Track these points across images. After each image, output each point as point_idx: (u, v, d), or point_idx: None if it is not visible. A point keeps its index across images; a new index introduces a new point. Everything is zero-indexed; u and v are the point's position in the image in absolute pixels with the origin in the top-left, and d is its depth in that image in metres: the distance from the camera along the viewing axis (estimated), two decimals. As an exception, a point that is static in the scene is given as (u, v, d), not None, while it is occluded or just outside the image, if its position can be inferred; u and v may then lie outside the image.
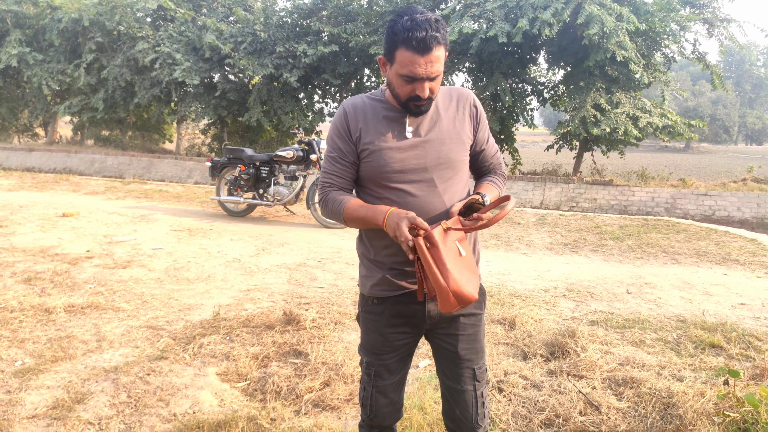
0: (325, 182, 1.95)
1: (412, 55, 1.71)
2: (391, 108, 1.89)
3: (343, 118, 1.91)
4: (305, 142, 8.15)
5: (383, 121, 1.88)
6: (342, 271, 5.66)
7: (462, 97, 1.97)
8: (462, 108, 1.95)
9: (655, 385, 3.11)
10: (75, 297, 4.62)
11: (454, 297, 1.67)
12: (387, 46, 1.77)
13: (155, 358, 3.56)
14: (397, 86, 1.80)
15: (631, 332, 4.05)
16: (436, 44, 1.70)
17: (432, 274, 1.67)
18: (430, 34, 1.68)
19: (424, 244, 1.67)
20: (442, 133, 1.90)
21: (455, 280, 1.67)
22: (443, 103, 1.93)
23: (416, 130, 1.88)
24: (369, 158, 1.87)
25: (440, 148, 1.88)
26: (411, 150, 1.86)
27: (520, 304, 4.64)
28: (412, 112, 1.86)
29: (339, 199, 1.89)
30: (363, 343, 2.08)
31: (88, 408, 2.97)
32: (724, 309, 4.72)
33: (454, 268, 1.68)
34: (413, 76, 1.74)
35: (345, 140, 1.90)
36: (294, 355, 3.65)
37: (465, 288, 1.69)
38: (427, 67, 1.72)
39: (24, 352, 3.61)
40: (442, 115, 1.91)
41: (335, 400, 3.07)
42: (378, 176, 1.87)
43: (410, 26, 1.69)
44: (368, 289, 1.99)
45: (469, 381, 1.98)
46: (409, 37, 1.68)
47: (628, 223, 8.59)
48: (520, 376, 3.31)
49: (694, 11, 11.47)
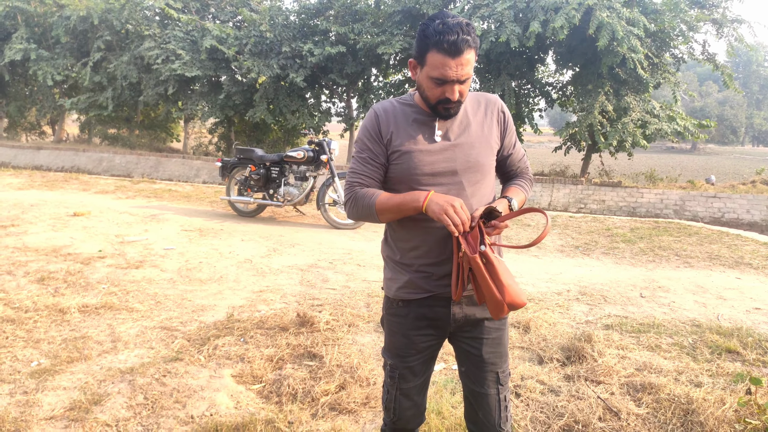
0: (354, 182, 1.94)
1: (443, 57, 1.73)
2: (421, 112, 1.92)
3: (375, 120, 1.92)
4: (316, 142, 8.15)
5: (413, 124, 1.91)
6: (354, 273, 5.65)
7: (490, 102, 2.00)
8: (490, 113, 1.98)
9: (673, 390, 3.09)
10: (89, 297, 4.63)
11: (508, 307, 1.75)
12: (418, 49, 1.80)
13: (170, 360, 3.56)
14: (428, 89, 1.83)
15: (647, 337, 4.03)
16: (467, 47, 1.73)
17: (488, 289, 1.74)
18: (462, 37, 1.71)
19: (480, 260, 1.72)
20: (471, 137, 1.92)
21: (509, 293, 1.73)
22: (472, 108, 1.96)
23: (446, 134, 1.91)
24: (399, 161, 1.89)
25: (469, 151, 1.91)
26: (440, 153, 1.89)
27: (534, 308, 4.63)
28: (441, 115, 1.88)
29: (370, 192, 1.89)
30: (387, 346, 2.08)
31: (105, 409, 2.97)
32: (738, 313, 4.70)
33: (506, 280, 1.74)
34: (444, 78, 1.76)
35: (376, 142, 1.91)
36: (308, 357, 3.65)
37: (517, 297, 1.75)
38: (457, 69, 1.75)
39: (39, 353, 3.62)
40: (471, 120, 1.94)
41: (352, 404, 3.07)
42: (408, 179, 1.89)
43: (442, 29, 1.71)
44: (393, 292, 2.00)
45: (492, 385, 1.98)
46: (441, 39, 1.71)
47: (639, 226, 8.55)
48: (537, 380, 3.30)
49: (704, 11, 11.41)
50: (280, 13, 13.95)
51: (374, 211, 1.86)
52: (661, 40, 11.69)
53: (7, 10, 15.60)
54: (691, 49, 12.17)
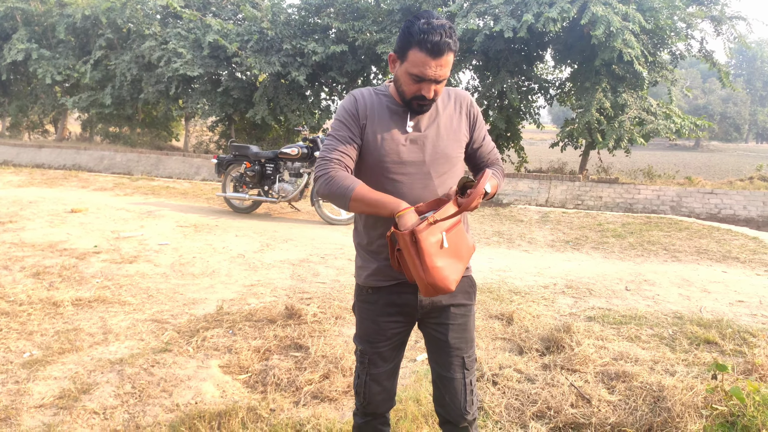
0: (332, 158, 1.92)
1: (424, 56, 1.81)
2: (395, 103, 2.00)
3: (354, 103, 1.99)
4: (310, 139, 8.23)
5: (387, 113, 1.98)
6: (344, 267, 5.73)
7: (459, 97, 2.08)
8: (459, 107, 2.06)
9: (646, 379, 3.17)
10: (82, 291, 4.72)
11: (431, 287, 1.77)
12: (400, 45, 1.87)
13: (159, 351, 3.65)
14: (405, 84, 1.90)
15: (627, 328, 4.10)
16: (448, 50, 1.81)
17: (413, 266, 1.77)
18: (444, 39, 1.80)
19: (409, 238, 1.75)
20: (439, 129, 2.00)
21: (431, 273, 1.75)
22: (442, 102, 2.04)
23: (416, 125, 1.98)
24: (370, 147, 1.96)
25: (437, 143, 1.99)
26: (410, 144, 1.97)
27: (519, 300, 4.70)
28: (414, 110, 1.96)
29: (349, 179, 1.88)
30: (358, 332, 2.16)
31: (94, 398, 3.06)
32: (721, 306, 4.76)
33: (432, 261, 1.76)
34: (422, 76, 1.84)
35: (355, 123, 1.97)
36: (295, 348, 3.73)
37: (440, 281, 1.77)
38: (436, 69, 1.83)
39: (32, 344, 3.71)
40: (440, 113, 2.02)
41: (334, 392, 3.15)
42: (377, 166, 1.96)
43: (426, 29, 1.79)
44: (363, 279, 2.08)
45: (458, 369, 2.06)
46: (425, 39, 1.79)
47: (630, 221, 8.61)
48: (515, 369, 3.38)
49: (702, 9, 11.42)
50: (281, 10, 14.03)
51: (348, 198, 1.86)
52: (659, 38, 11.70)
53: (7, 10, 15.71)
54: (689, 47, 12.18)
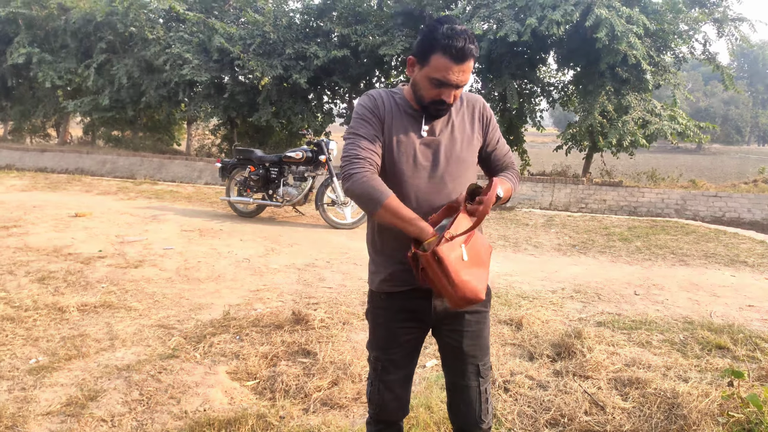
0: (366, 157, 1.87)
1: (448, 61, 1.80)
2: (410, 106, 1.98)
3: (374, 102, 1.96)
4: (314, 143, 8.21)
5: (402, 116, 1.96)
6: (350, 272, 5.70)
7: (472, 100, 2.07)
8: (472, 111, 2.05)
9: (660, 385, 3.13)
10: (88, 296, 4.69)
11: (461, 301, 1.78)
12: (422, 49, 1.85)
13: (166, 357, 3.62)
14: (424, 88, 1.88)
15: (638, 333, 4.06)
16: (471, 56, 1.81)
17: (440, 284, 1.76)
18: (468, 45, 1.79)
19: (432, 259, 1.74)
20: (453, 133, 1.99)
21: (460, 288, 1.75)
22: (455, 106, 2.02)
23: (431, 129, 1.97)
24: (385, 149, 1.94)
25: (452, 147, 1.97)
26: (425, 147, 1.95)
27: (528, 305, 4.67)
28: (430, 115, 1.94)
29: (382, 186, 1.83)
30: (371, 338, 2.13)
31: (101, 405, 3.03)
32: (731, 311, 4.72)
33: (459, 275, 1.75)
34: (445, 81, 1.83)
35: (377, 121, 1.94)
36: (303, 354, 3.70)
37: (470, 293, 1.77)
38: (459, 75, 1.82)
39: (38, 350, 3.68)
40: (454, 117, 2.00)
41: (343, 399, 3.12)
42: (391, 169, 1.94)
43: (450, 34, 1.78)
44: (377, 285, 2.05)
45: (473, 377, 2.03)
46: (449, 44, 1.78)
47: (636, 225, 8.57)
48: (526, 376, 3.34)
49: (704, 11, 11.40)
50: (283, 13, 14.03)
51: (378, 206, 1.80)
52: (662, 40, 11.69)
53: (9, 15, 15.73)
54: (692, 49, 12.16)
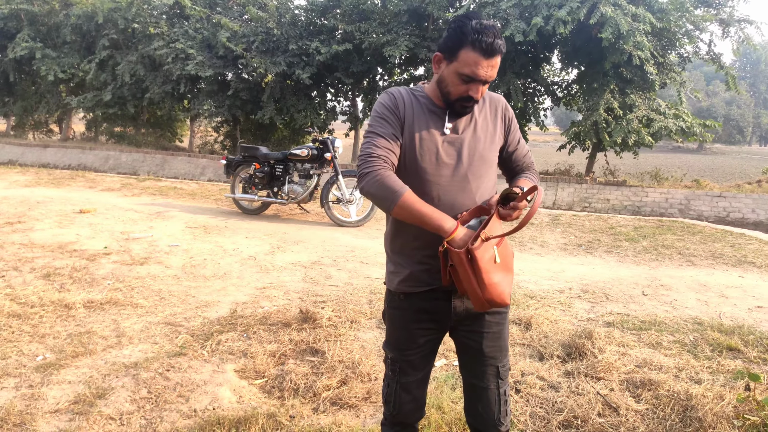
0: (381, 155, 1.85)
1: (477, 56, 1.79)
2: (432, 104, 1.95)
3: (394, 100, 1.94)
4: (320, 140, 8.17)
5: (425, 114, 1.94)
6: (356, 270, 5.68)
7: (494, 100, 2.05)
8: (494, 110, 2.03)
9: (673, 387, 3.11)
10: (94, 293, 4.67)
11: (487, 303, 1.77)
12: (450, 45, 1.83)
13: (174, 355, 3.60)
14: (452, 84, 1.86)
15: (648, 334, 4.04)
16: (499, 51, 1.81)
17: (468, 283, 1.75)
18: (497, 40, 1.79)
19: (465, 257, 1.72)
20: (477, 132, 1.97)
21: (489, 290, 1.75)
22: (478, 105, 2.01)
23: (454, 127, 1.95)
24: (407, 147, 1.91)
25: (475, 146, 1.95)
26: (448, 146, 1.93)
27: (536, 305, 4.64)
28: (456, 112, 1.92)
29: (398, 182, 1.81)
30: (388, 339, 2.11)
31: (110, 403, 3.01)
32: (740, 312, 4.70)
33: (489, 277, 1.75)
34: (474, 76, 1.81)
35: (396, 119, 1.92)
36: (311, 353, 3.67)
37: (497, 296, 1.77)
38: (488, 70, 1.81)
39: (45, 347, 3.66)
40: (477, 116, 1.99)
41: (353, 399, 3.09)
42: (413, 167, 1.91)
43: (480, 29, 1.77)
44: (395, 285, 2.02)
45: (492, 378, 2.01)
46: (479, 39, 1.77)
47: (642, 225, 8.54)
48: (538, 376, 3.32)
49: (710, 11, 11.37)
50: (287, 9, 13.99)
51: (395, 203, 1.78)
52: (667, 40, 11.65)
53: (12, 11, 15.70)
54: (696, 49, 12.13)
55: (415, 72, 14.97)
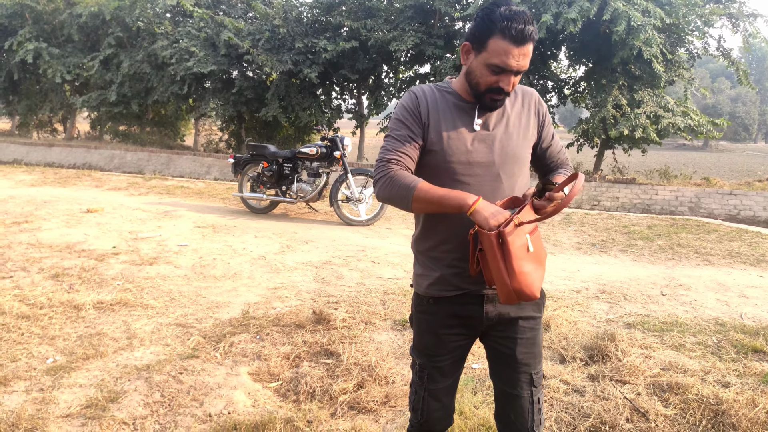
0: (390, 158, 1.80)
1: (507, 44, 1.68)
2: (461, 99, 1.85)
3: (415, 100, 1.85)
4: (328, 138, 8.09)
5: (452, 110, 1.84)
6: (368, 270, 5.60)
7: (527, 94, 1.94)
8: (527, 105, 1.92)
9: (701, 391, 3.01)
10: (103, 293, 4.60)
11: (515, 294, 1.66)
12: (479, 33, 1.73)
13: (187, 357, 3.52)
14: (481, 75, 1.76)
15: (670, 336, 3.94)
16: (531, 38, 1.69)
17: (497, 270, 1.65)
18: (528, 27, 1.67)
19: (495, 240, 1.62)
20: (509, 128, 1.86)
21: (518, 279, 1.64)
22: (510, 100, 1.90)
23: (485, 123, 1.84)
24: (434, 147, 1.82)
25: (507, 142, 1.84)
26: (479, 143, 1.82)
27: (553, 306, 4.55)
28: (486, 106, 1.82)
29: (410, 177, 1.76)
30: (416, 344, 2.01)
31: (122, 407, 2.93)
32: (762, 312, 4.60)
33: (520, 265, 1.64)
34: (504, 66, 1.71)
35: (415, 121, 1.84)
36: (325, 355, 3.59)
37: (526, 287, 1.66)
38: (519, 59, 1.70)
39: (55, 350, 3.59)
40: (509, 111, 1.88)
41: (371, 403, 3.01)
42: (442, 167, 1.82)
43: (510, 15, 1.66)
44: (424, 289, 1.93)
45: (526, 386, 1.91)
46: (509, 26, 1.66)
47: (656, 223, 8.44)
48: (561, 380, 3.23)
49: (719, 6, 11.25)
50: (292, 7, 13.91)
51: (411, 197, 1.73)
52: (676, 35, 11.54)
53: (15, 8, 15.65)
54: (706, 45, 12.02)
55: (420, 69, 14.87)
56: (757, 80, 61.63)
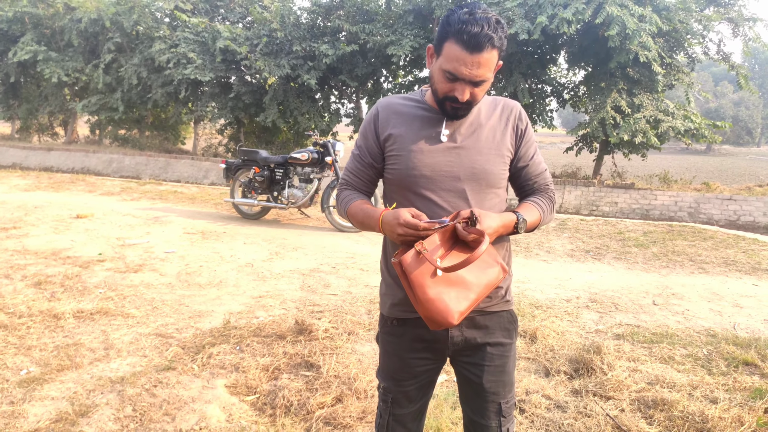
0: (343, 179, 1.92)
1: (460, 50, 1.54)
2: (429, 109, 1.75)
3: (373, 117, 1.80)
4: (320, 144, 8.02)
5: (417, 121, 1.74)
6: (356, 278, 5.51)
7: (507, 107, 1.80)
8: (505, 119, 1.78)
9: (687, 407, 2.92)
10: (84, 302, 4.52)
11: (428, 321, 1.55)
12: (438, 36, 1.62)
13: (163, 369, 3.45)
14: (438, 81, 1.65)
15: (660, 347, 3.85)
16: (489, 45, 1.53)
17: (412, 300, 1.57)
18: (485, 32, 1.52)
19: (398, 269, 1.53)
20: (479, 142, 1.72)
21: (424, 306, 1.52)
22: (487, 111, 1.77)
23: (452, 135, 1.72)
24: (396, 160, 1.73)
25: (476, 157, 1.71)
26: (443, 155, 1.70)
27: (542, 315, 4.46)
28: (447, 114, 1.70)
29: (347, 198, 1.84)
30: (381, 367, 1.92)
31: (92, 422, 2.86)
32: (756, 323, 4.50)
33: (424, 292, 1.52)
34: (456, 74, 1.58)
35: (369, 140, 1.81)
36: (305, 367, 3.51)
37: (437, 314, 1.52)
38: (472, 68, 1.56)
39: (30, 360, 3.52)
40: (483, 124, 1.74)
41: (347, 418, 2.93)
42: (405, 181, 1.72)
43: (466, 20, 1.52)
44: (388, 309, 1.84)
45: (494, 416, 1.81)
46: (462, 30, 1.52)
47: (652, 230, 8.33)
48: (543, 395, 3.14)
49: (718, 10, 11.17)
50: (290, 11, 13.87)
51: (349, 218, 1.83)
52: (675, 40, 11.47)
53: (16, 14, 15.65)
54: (706, 49, 11.93)
55: (419, 74, 14.82)
56: (760, 84, 61.48)
